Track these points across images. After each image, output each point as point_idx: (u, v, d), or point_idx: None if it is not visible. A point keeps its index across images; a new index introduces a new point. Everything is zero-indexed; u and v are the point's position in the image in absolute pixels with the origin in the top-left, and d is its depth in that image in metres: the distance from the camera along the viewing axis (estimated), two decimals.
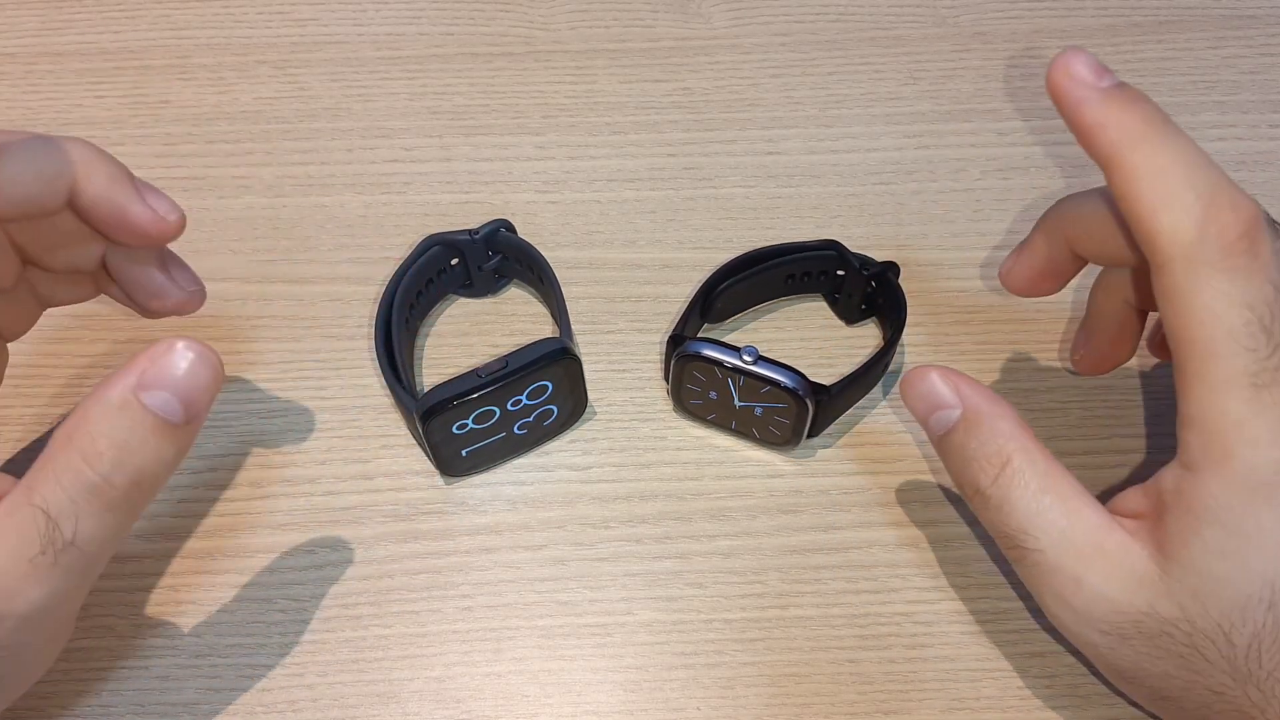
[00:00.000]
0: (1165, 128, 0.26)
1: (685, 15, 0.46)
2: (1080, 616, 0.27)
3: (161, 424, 0.24)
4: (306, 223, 0.40)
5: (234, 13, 0.46)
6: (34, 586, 0.23)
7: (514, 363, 0.32)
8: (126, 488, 0.24)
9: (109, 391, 0.24)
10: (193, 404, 0.24)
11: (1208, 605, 0.25)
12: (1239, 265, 0.24)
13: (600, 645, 0.32)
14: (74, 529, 0.23)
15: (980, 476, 0.28)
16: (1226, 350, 0.24)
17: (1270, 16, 0.46)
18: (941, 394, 0.29)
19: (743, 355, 0.33)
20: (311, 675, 0.32)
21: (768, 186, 0.42)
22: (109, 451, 0.23)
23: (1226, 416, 0.24)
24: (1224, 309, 0.24)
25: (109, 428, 0.24)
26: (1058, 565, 0.27)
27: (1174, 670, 0.26)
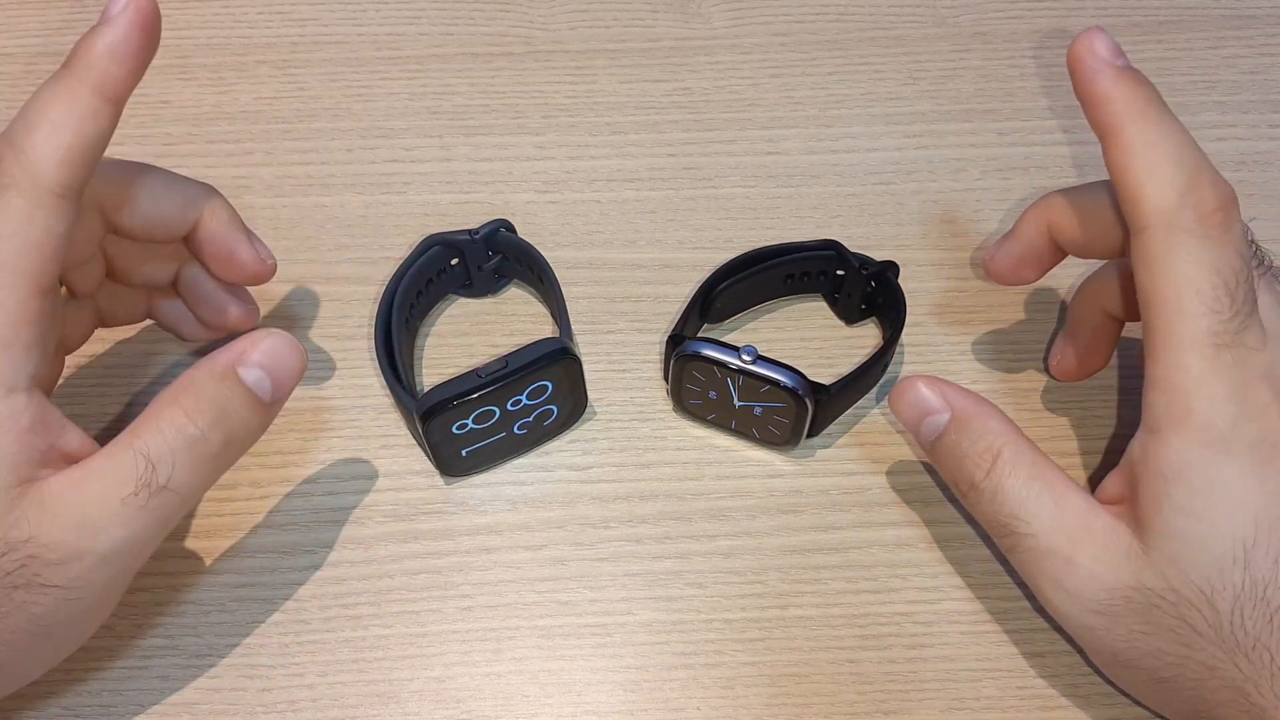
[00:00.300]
0: (1162, 109, 0.28)
1: (685, 15, 0.46)
2: (1073, 597, 0.28)
3: (253, 398, 0.27)
4: (306, 223, 0.40)
5: (234, 13, 0.46)
6: (120, 526, 0.26)
7: (514, 363, 0.32)
8: (220, 445, 0.27)
9: (213, 363, 0.27)
10: (280, 385, 0.28)
11: (1187, 570, 0.26)
12: (1213, 235, 0.26)
13: (600, 645, 0.32)
14: (169, 474, 0.26)
15: (974, 471, 0.29)
16: (1193, 310, 0.26)
17: (1270, 16, 0.46)
18: (929, 400, 0.30)
19: (742, 355, 0.33)
20: (311, 675, 0.32)
21: (768, 186, 0.42)
22: (209, 411, 0.27)
23: (1188, 373, 0.26)
24: (1194, 271, 0.26)
25: (212, 391, 0.27)
26: (1050, 548, 0.28)
27: (1166, 646, 0.27)
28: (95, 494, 0.26)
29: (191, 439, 0.26)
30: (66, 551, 0.25)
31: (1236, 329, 0.26)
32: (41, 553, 0.25)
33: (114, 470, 0.26)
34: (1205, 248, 0.26)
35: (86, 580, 0.26)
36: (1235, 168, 0.42)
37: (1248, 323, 0.26)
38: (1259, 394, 0.26)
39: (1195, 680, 0.27)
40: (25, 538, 0.25)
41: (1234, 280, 0.26)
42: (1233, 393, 0.26)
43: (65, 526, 0.25)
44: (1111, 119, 0.28)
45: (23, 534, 0.25)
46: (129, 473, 0.26)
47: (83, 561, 0.25)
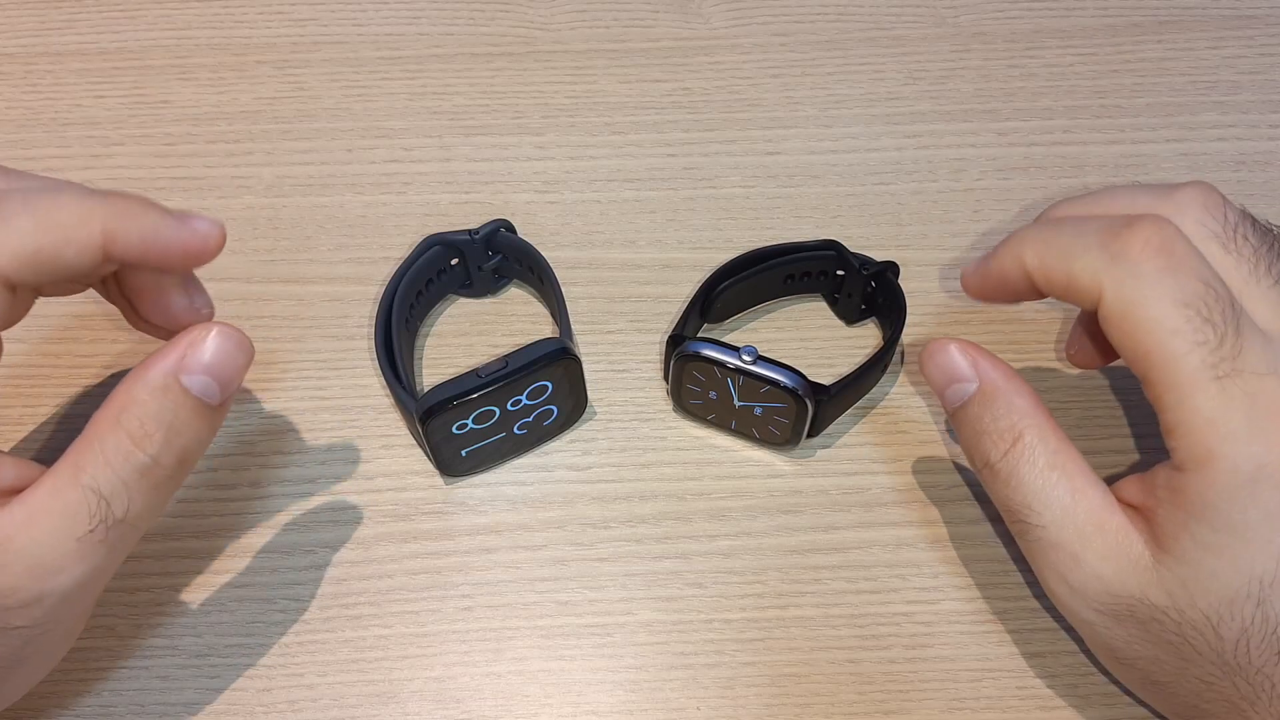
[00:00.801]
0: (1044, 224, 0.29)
1: (685, 15, 0.46)
2: (1076, 593, 0.28)
3: (201, 406, 0.25)
4: (306, 223, 0.40)
5: (234, 13, 0.46)
6: (78, 563, 0.24)
7: (514, 363, 0.32)
8: (173, 467, 0.25)
9: (150, 374, 0.25)
10: (228, 385, 0.26)
11: (1196, 597, 0.25)
12: (1159, 265, 0.25)
13: (600, 645, 0.32)
14: (125, 508, 0.25)
15: (991, 450, 0.29)
16: (1177, 349, 0.25)
17: (1270, 16, 0.46)
18: (960, 367, 0.29)
19: (742, 355, 0.33)
20: (311, 675, 0.32)
21: (768, 186, 0.42)
22: (157, 433, 0.25)
23: (1199, 415, 0.25)
24: (1162, 311, 0.25)
25: (156, 410, 0.25)
26: (1058, 542, 0.27)
27: (1164, 656, 0.27)
28: (47, 535, 0.24)
29: (143, 467, 0.25)
30: (25, 596, 0.24)
31: (1231, 354, 0.25)
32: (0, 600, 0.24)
33: (65, 508, 0.24)
34: (1158, 284, 0.25)
35: (51, 617, 0.25)
36: (1235, 168, 0.42)
37: (1242, 344, 0.25)
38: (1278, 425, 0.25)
39: (1191, 690, 0.27)
40: None
41: (1204, 305, 0.25)
42: (1251, 429, 0.25)
43: (19, 572, 0.24)
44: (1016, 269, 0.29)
45: None
46: (81, 510, 0.24)
47: (44, 603, 0.24)
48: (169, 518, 0.34)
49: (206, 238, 0.27)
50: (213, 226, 0.27)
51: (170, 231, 0.26)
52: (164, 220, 0.26)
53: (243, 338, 0.26)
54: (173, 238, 0.26)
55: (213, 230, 0.27)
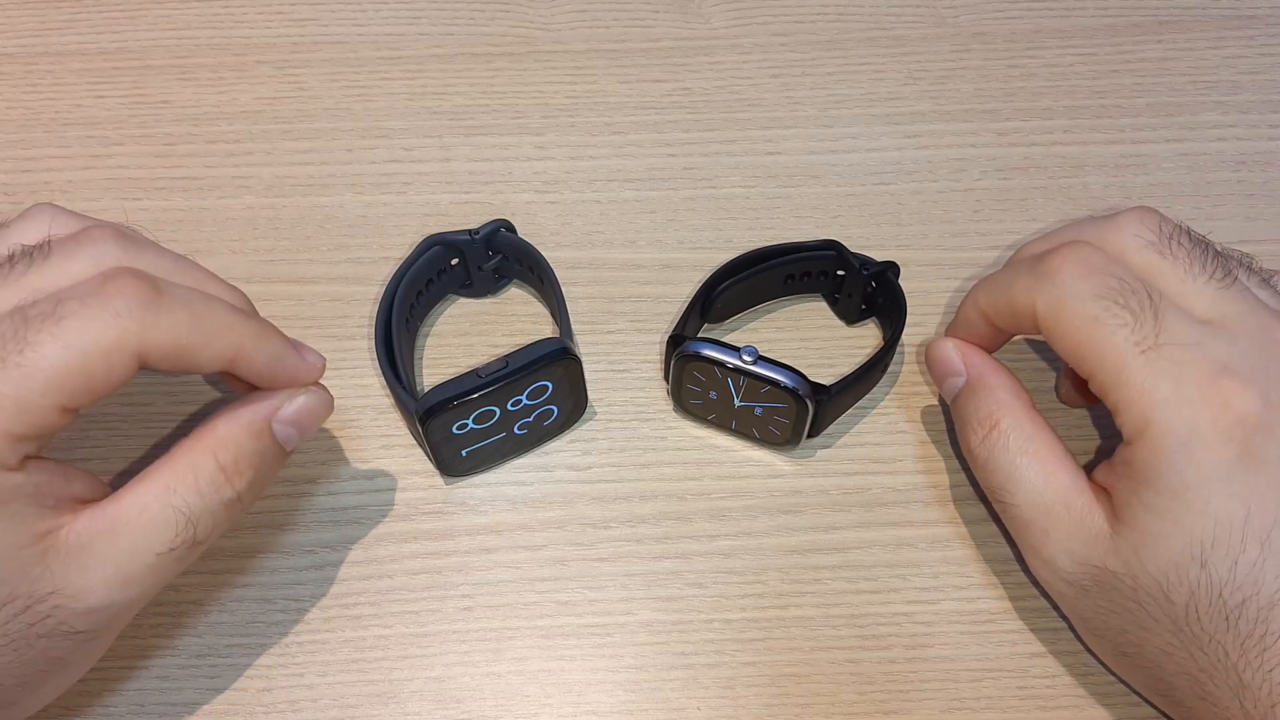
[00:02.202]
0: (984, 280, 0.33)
1: (685, 15, 0.46)
2: (1048, 566, 0.30)
3: (281, 451, 0.28)
4: (306, 223, 0.40)
5: (234, 13, 0.46)
6: (151, 577, 0.26)
7: (514, 363, 0.32)
8: (250, 499, 0.28)
9: (250, 417, 0.27)
10: (305, 434, 0.29)
11: (1145, 561, 0.27)
12: (1074, 274, 0.29)
13: (600, 645, 0.32)
14: (207, 532, 0.27)
15: (972, 436, 0.31)
16: (1102, 333, 0.28)
17: (1270, 16, 0.46)
18: (951, 361, 0.33)
19: (742, 355, 0.33)
20: (311, 675, 0.32)
21: (768, 186, 0.42)
22: (248, 472, 0.27)
23: (1131, 385, 0.27)
24: (1082, 308, 0.28)
25: (250, 449, 0.27)
26: (1030, 519, 0.30)
27: (1127, 625, 0.28)
28: (130, 547, 0.25)
29: (229, 500, 0.27)
30: (95, 601, 0.25)
31: (1153, 332, 0.27)
32: (68, 602, 0.25)
33: (151, 525, 0.26)
34: (1076, 289, 0.28)
35: (109, 625, 0.26)
36: (1235, 168, 0.42)
37: (1162, 324, 0.27)
38: (1218, 389, 0.27)
39: (1153, 661, 0.28)
40: (50, 590, 0.25)
41: (1119, 295, 0.28)
42: (1179, 394, 0.27)
43: (97, 578, 0.25)
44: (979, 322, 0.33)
45: (48, 587, 0.25)
46: (168, 529, 0.26)
47: (109, 610, 0.26)
48: None
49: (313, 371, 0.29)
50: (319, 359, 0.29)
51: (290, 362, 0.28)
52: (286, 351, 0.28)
53: (327, 395, 0.29)
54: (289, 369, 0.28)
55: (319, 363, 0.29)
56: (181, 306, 0.26)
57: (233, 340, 0.26)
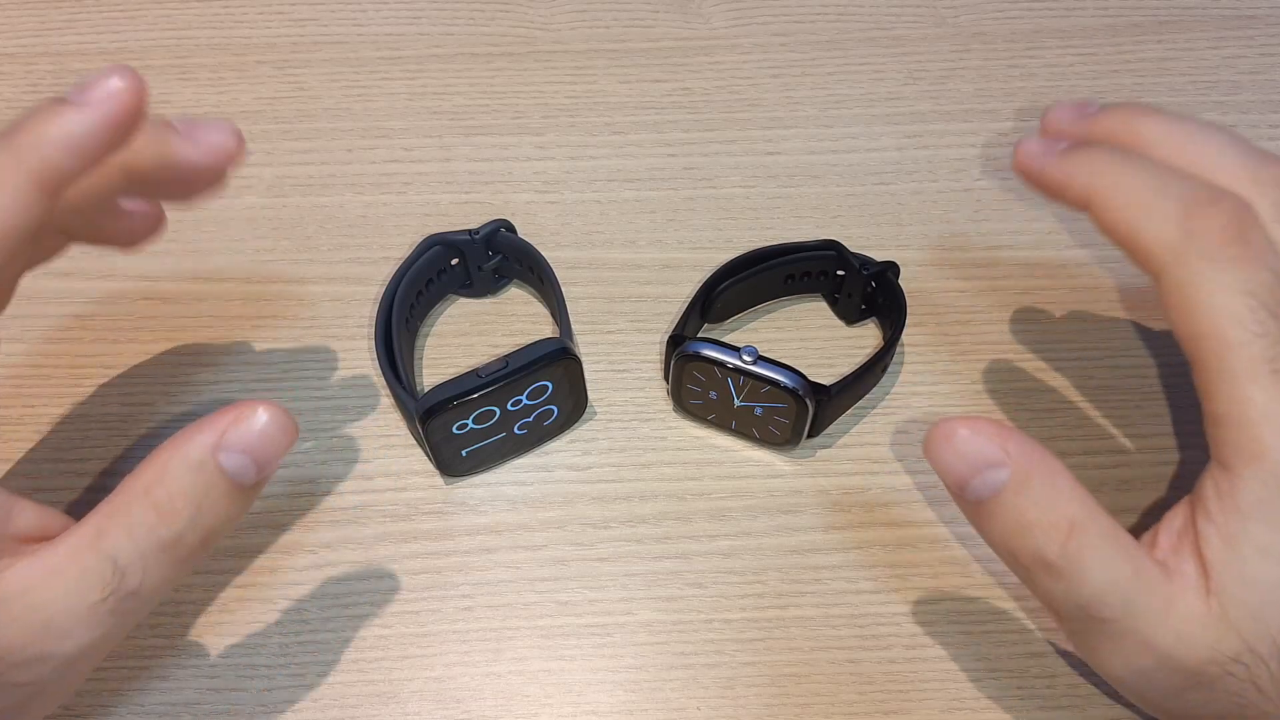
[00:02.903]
0: (1124, 157, 0.27)
1: (685, 15, 0.46)
2: (1144, 676, 0.25)
3: (234, 487, 0.24)
4: (306, 223, 0.40)
5: (234, 13, 0.46)
6: (86, 630, 0.24)
7: (514, 363, 0.32)
8: (196, 545, 0.24)
9: (189, 448, 0.24)
10: (265, 467, 0.25)
11: (1268, 622, 0.24)
12: (1232, 254, 0.25)
13: (600, 645, 0.32)
14: (140, 580, 0.24)
15: (1046, 545, 0.24)
16: (1237, 338, 0.24)
17: (1270, 16, 0.46)
18: (988, 450, 0.25)
19: (742, 355, 0.33)
20: (311, 675, 0.32)
21: (768, 186, 0.42)
22: (185, 510, 0.24)
23: (1254, 406, 0.24)
24: (1225, 299, 0.24)
25: (188, 486, 0.24)
26: (1130, 630, 0.25)
27: (1226, 708, 0.25)
28: (59, 596, 0.23)
29: (164, 541, 0.24)
30: (29, 654, 0.23)
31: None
32: (4, 654, 0.23)
33: (81, 573, 0.23)
34: (1228, 271, 0.24)
35: (52, 678, 0.24)
36: None
37: None
38: None
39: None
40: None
41: (1270, 297, 0.24)
42: None
43: (27, 630, 0.23)
44: (1079, 193, 0.27)
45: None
46: (96, 577, 0.23)
47: (48, 664, 0.24)
48: None
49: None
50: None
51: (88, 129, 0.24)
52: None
53: (288, 420, 0.25)
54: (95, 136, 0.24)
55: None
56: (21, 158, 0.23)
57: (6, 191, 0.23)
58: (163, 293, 0.38)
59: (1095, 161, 0.27)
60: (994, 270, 0.39)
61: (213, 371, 0.37)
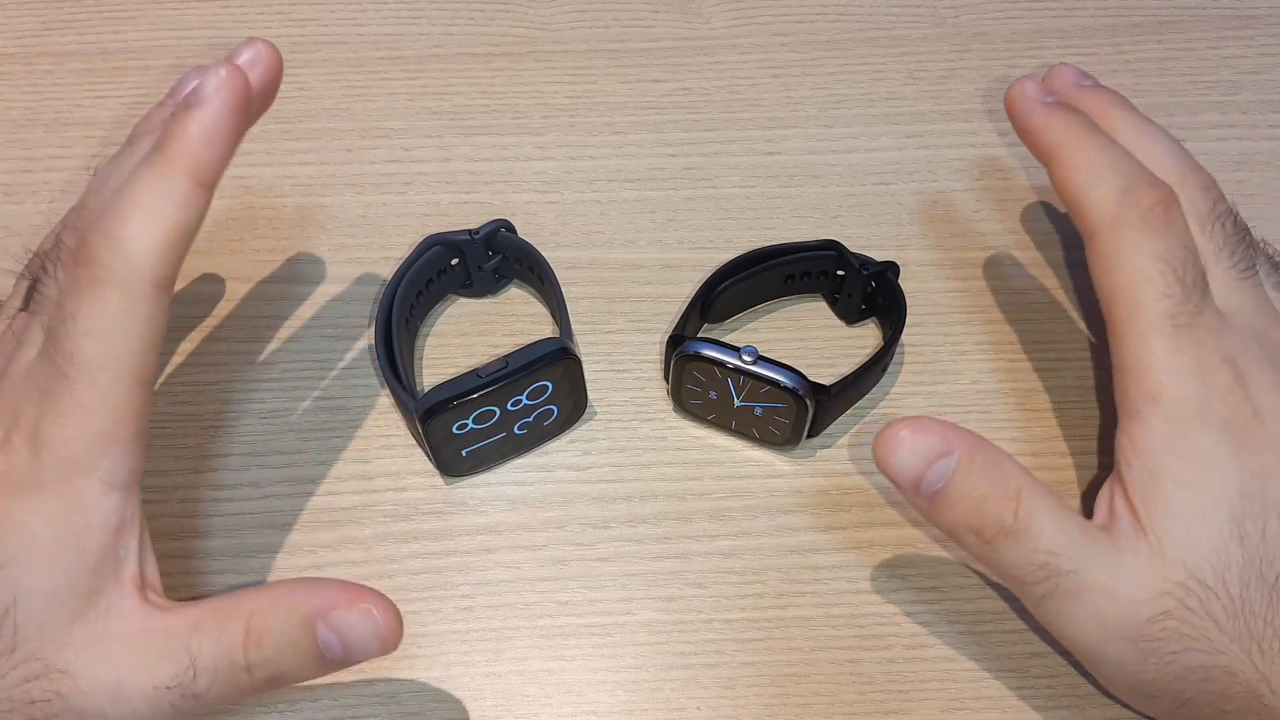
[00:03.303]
0: (1094, 131, 0.31)
1: (685, 15, 0.46)
2: (1111, 631, 0.27)
3: (319, 655, 0.26)
4: (306, 223, 0.40)
5: (234, 13, 0.46)
6: (146, 706, 0.25)
7: (514, 363, 0.32)
8: (262, 681, 0.26)
9: (302, 601, 0.26)
10: (351, 655, 0.26)
11: (1200, 547, 0.26)
12: (1154, 228, 0.28)
13: (600, 645, 0.32)
14: (207, 687, 0.25)
15: (1003, 513, 0.26)
16: (1147, 296, 0.28)
17: (1270, 16, 0.46)
18: (936, 442, 0.27)
19: (742, 355, 0.33)
20: None
21: (768, 186, 0.42)
22: (267, 649, 0.25)
23: (1153, 354, 0.28)
24: (1143, 263, 0.28)
25: (279, 632, 0.25)
26: (1089, 581, 0.27)
27: (1194, 659, 0.26)
28: (137, 665, 0.25)
29: (237, 666, 0.25)
30: (89, 705, 0.25)
31: (1192, 311, 0.28)
32: (69, 695, 0.24)
33: (163, 653, 0.25)
34: (1150, 239, 0.28)
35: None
36: (1235, 168, 0.42)
37: (1202, 306, 0.28)
38: (1221, 375, 0.27)
39: (1217, 692, 0.27)
40: (64, 669, 0.24)
41: (1180, 267, 0.28)
42: (1197, 370, 0.27)
43: (99, 682, 0.25)
44: (1048, 146, 0.31)
45: (64, 664, 0.24)
46: (174, 664, 0.25)
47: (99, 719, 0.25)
48: (170, 518, 0.34)
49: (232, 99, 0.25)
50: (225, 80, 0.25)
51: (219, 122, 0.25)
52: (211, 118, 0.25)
53: (392, 630, 0.26)
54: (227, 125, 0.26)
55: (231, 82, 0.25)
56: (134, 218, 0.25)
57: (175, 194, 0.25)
58: None
59: (1068, 126, 0.31)
60: (994, 270, 0.39)
61: (213, 371, 0.37)
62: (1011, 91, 0.32)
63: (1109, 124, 0.32)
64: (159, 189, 0.25)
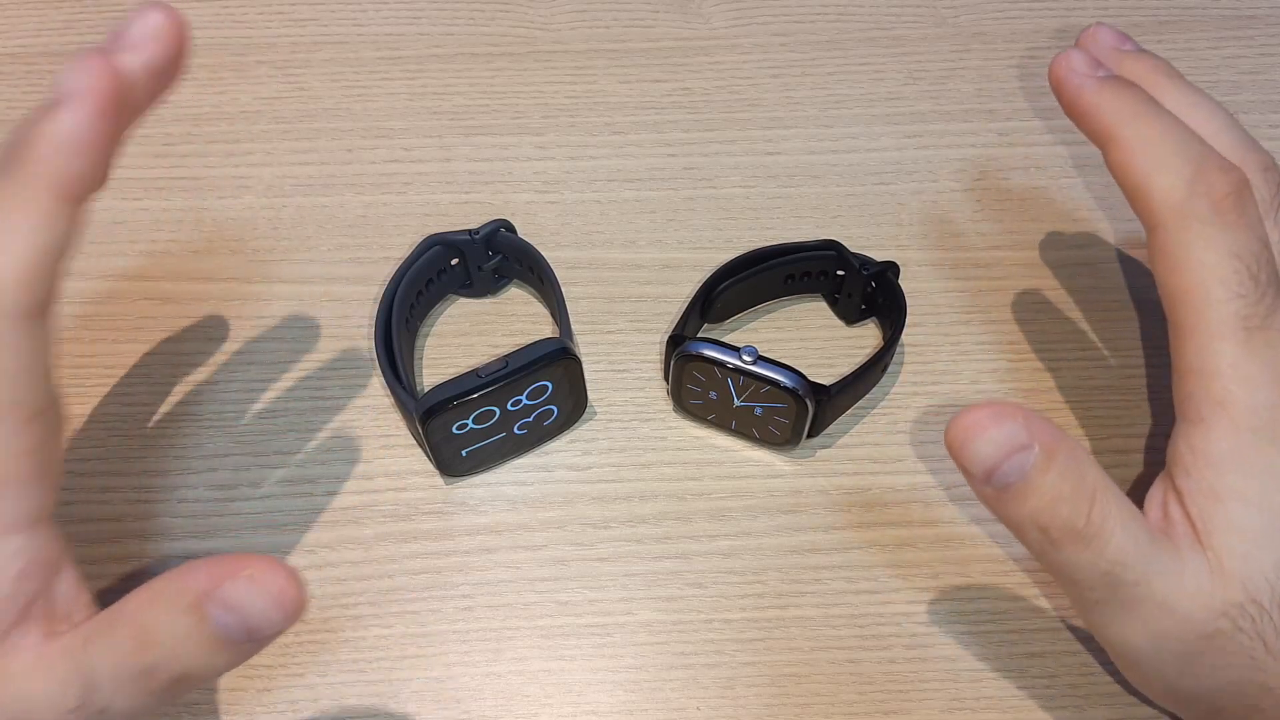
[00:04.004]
0: (1155, 108, 0.28)
1: (685, 15, 0.46)
2: (1161, 644, 0.26)
3: (220, 640, 0.23)
4: (306, 223, 0.40)
5: (234, 13, 0.46)
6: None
7: (514, 363, 0.32)
8: (166, 683, 0.23)
9: (181, 585, 0.23)
10: (255, 632, 0.23)
11: (1262, 566, 0.25)
12: (1228, 220, 0.26)
13: (600, 645, 0.32)
14: (108, 701, 0.23)
15: (1075, 516, 0.25)
16: (1218, 296, 0.26)
17: (1270, 16, 0.46)
18: (1019, 433, 0.25)
19: (742, 355, 0.33)
20: (311, 675, 0.32)
21: (768, 186, 0.42)
22: (163, 647, 0.23)
23: (1222, 358, 0.26)
24: (1214, 259, 0.26)
25: (169, 623, 0.23)
26: (1150, 594, 0.25)
27: (1235, 675, 0.25)
28: (39, 694, 0.23)
29: (134, 672, 0.23)
30: None
31: (1265, 312, 0.26)
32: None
33: (62, 676, 0.23)
34: (1221, 234, 0.26)
35: None
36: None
37: (1275, 305, 0.26)
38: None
39: (1249, 705, 0.26)
40: None
41: (1254, 263, 0.26)
42: (1271, 378, 0.25)
43: (11, 714, 0.23)
44: (1104, 127, 0.28)
45: None
46: (73, 684, 0.23)
47: None
48: (169, 518, 0.34)
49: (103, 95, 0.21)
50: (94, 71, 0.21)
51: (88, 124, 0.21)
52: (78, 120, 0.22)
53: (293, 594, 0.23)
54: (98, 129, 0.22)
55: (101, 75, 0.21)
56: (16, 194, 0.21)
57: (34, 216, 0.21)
58: (163, 293, 0.38)
59: (1126, 102, 0.28)
60: (994, 270, 0.39)
61: (213, 371, 0.37)
62: (1057, 67, 0.29)
63: (1159, 96, 0.29)
64: (15, 207, 0.21)
